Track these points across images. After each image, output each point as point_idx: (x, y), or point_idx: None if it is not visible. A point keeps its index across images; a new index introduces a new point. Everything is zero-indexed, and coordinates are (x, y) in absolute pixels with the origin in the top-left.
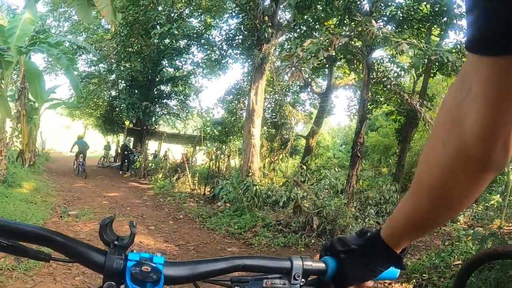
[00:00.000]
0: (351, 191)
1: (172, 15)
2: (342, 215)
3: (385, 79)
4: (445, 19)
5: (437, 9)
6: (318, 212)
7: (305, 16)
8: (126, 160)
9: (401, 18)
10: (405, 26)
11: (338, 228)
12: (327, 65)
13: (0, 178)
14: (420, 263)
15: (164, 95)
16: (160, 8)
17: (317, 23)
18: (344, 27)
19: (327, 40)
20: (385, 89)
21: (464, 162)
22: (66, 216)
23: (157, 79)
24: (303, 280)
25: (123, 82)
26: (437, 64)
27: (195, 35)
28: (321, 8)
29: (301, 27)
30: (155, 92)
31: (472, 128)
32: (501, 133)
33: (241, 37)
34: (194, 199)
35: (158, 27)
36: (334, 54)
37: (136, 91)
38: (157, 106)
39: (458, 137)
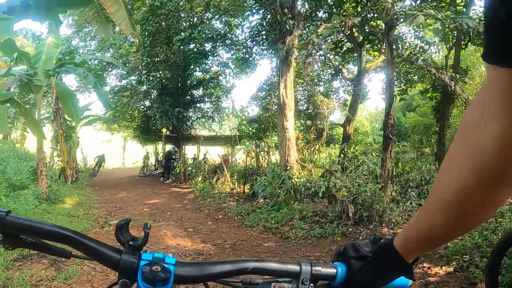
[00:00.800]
0: (387, 174)
1: (193, 20)
2: (378, 200)
3: (411, 55)
4: None
5: None
6: (353, 199)
7: (322, 3)
8: (168, 167)
9: None
10: None
11: (375, 214)
12: (355, 50)
13: (43, 196)
14: (461, 244)
15: (196, 99)
16: (181, 15)
17: (333, 8)
18: (360, 8)
19: (341, 23)
20: (413, 66)
21: (480, 178)
22: (107, 226)
23: (187, 84)
24: (312, 285)
25: (154, 91)
26: (468, 34)
27: (218, 37)
28: None
29: (318, 14)
30: (187, 97)
31: (488, 142)
32: None
33: (264, 32)
34: (234, 198)
35: (181, 33)
36: (346, 37)
37: (168, 99)
38: (190, 110)
39: (477, 152)
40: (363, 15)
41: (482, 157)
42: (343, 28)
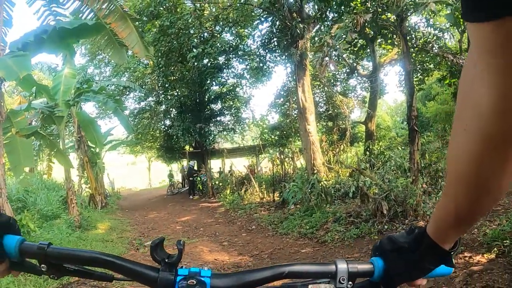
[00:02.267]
0: (416, 167)
1: (204, 35)
2: (411, 194)
3: (425, 44)
4: None
5: None
6: (386, 196)
7: (330, 3)
8: (193, 184)
9: None
10: None
11: (409, 208)
12: (367, 46)
13: (75, 224)
14: (499, 229)
15: (216, 113)
16: (191, 31)
17: (342, 7)
18: (369, 4)
19: (353, 21)
20: (428, 55)
21: (488, 142)
22: (142, 247)
23: (205, 100)
24: (350, 283)
25: (173, 110)
26: None
27: (231, 49)
28: None
29: (328, 14)
30: (207, 112)
31: (487, 104)
32: None
33: (275, 39)
34: (265, 207)
35: (194, 50)
36: (358, 34)
37: (188, 115)
38: (211, 125)
39: (476, 116)
40: (373, 10)
41: (482, 119)
42: (355, 27)
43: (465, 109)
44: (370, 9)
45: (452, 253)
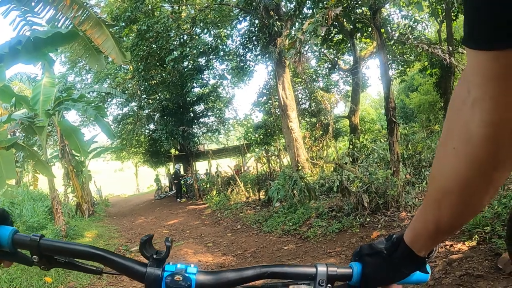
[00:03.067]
0: (396, 158)
1: (183, 37)
2: (392, 186)
3: (401, 36)
4: None
5: None
6: (366, 189)
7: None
8: (180, 187)
9: None
10: None
11: (391, 200)
12: (347, 41)
13: (61, 233)
14: (481, 216)
15: (199, 115)
16: (170, 34)
17: (317, 2)
18: None
19: (324, 16)
20: (407, 46)
21: (476, 165)
22: (129, 253)
23: (187, 102)
24: (329, 285)
25: (156, 114)
26: (456, 4)
27: (210, 50)
28: None
29: (303, 11)
30: (189, 115)
31: (477, 131)
32: (509, 130)
33: (254, 38)
34: (251, 207)
35: (173, 52)
36: (334, 28)
37: (171, 119)
38: (194, 127)
39: (465, 140)
40: (345, 4)
41: (470, 143)
42: (326, 21)
43: (454, 129)
44: (343, 2)
45: (427, 260)
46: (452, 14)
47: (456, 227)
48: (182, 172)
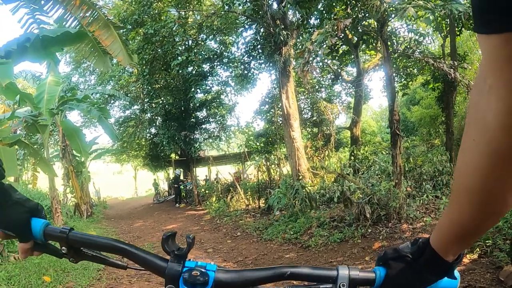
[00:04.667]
0: (399, 171)
1: (188, 43)
2: (394, 198)
3: (406, 49)
4: None
5: None
6: (369, 200)
7: (312, 10)
8: (179, 192)
9: None
10: None
11: (392, 212)
12: (351, 52)
13: None
14: None
15: (201, 121)
16: (176, 39)
17: (324, 13)
18: (350, 10)
19: (333, 27)
20: (411, 60)
21: (495, 156)
22: None
23: (190, 107)
24: None
25: (159, 118)
26: (460, 20)
27: (215, 56)
28: None
29: (310, 21)
30: (192, 120)
31: (495, 119)
32: None
33: (259, 46)
34: (250, 214)
35: (178, 58)
36: (340, 40)
37: (173, 123)
38: (196, 133)
39: (483, 130)
40: (354, 16)
41: (488, 133)
42: (336, 32)
43: (473, 121)
44: (352, 14)
45: (454, 265)
46: (456, 29)
47: (482, 229)
48: (182, 177)
